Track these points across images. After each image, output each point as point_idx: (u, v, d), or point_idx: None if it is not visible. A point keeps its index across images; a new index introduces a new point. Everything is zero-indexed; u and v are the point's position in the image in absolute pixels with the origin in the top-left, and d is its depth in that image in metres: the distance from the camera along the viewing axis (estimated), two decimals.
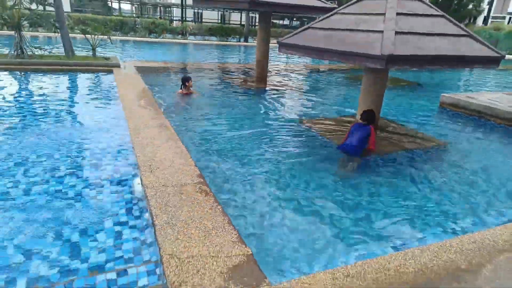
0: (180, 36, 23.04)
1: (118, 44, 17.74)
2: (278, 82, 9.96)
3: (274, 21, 39.16)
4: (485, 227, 3.06)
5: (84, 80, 8.10)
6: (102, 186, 3.34)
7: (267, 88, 8.85)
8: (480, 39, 4.28)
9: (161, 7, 54.99)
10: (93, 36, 10.24)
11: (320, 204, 3.31)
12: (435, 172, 4.22)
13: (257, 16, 38.24)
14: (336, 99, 8.16)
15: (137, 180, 3.40)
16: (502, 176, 4.24)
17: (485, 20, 32.59)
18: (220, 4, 8.24)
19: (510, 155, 4.99)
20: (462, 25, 4.42)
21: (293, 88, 9.20)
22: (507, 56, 25.10)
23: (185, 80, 7.31)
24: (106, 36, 10.65)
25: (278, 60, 16.26)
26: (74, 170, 3.61)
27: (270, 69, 10.93)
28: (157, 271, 2.27)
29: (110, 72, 9.06)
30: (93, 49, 10.25)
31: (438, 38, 3.93)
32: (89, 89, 7.18)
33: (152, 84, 8.20)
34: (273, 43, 12.58)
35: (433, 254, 2.41)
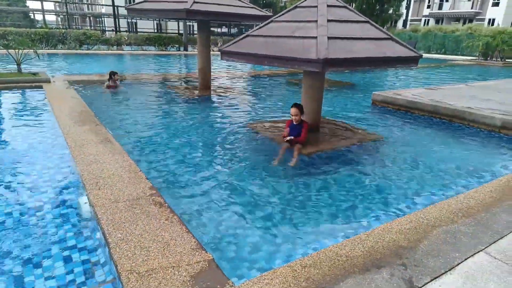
0: (115, 47, 22.06)
1: (45, 58, 16.49)
2: (222, 89, 10.06)
3: (213, 28, 39.29)
4: (420, 207, 3.42)
5: (10, 98, 7.44)
6: (44, 211, 3.13)
7: (211, 95, 8.89)
8: (400, 41, 4.79)
9: (91, 18, 52.17)
10: (17, 50, 9.43)
11: (273, 201, 3.44)
12: (374, 163, 4.61)
13: (195, 24, 38.11)
14: (279, 102, 8.47)
15: (83, 200, 3.23)
16: (429, 161, 4.76)
17: (405, 23, 36.04)
18: (157, 14, 8.14)
19: (433, 143, 5.62)
20: (384, 30, 4.91)
21: (237, 94, 9.35)
22: (425, 55, 28.05)
23: (112, 74, 8.86)
24: (32, 50, 9.87)
25: (220, 68, 16.36)
26: (9, 196, 3.32)
27: (213, 77, 10.98)
28: None
29: (40, 88, 8.43)
30: (18, 65, 9.44)
31: (365, 42, 4.33)
32: (17, 108, 6.62)
33: (88, 97, 7.80)
34: (213, 51, 12.59)
35: (377, 237, 2.65)
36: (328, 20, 4.49)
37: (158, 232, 2.61)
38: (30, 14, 45.97)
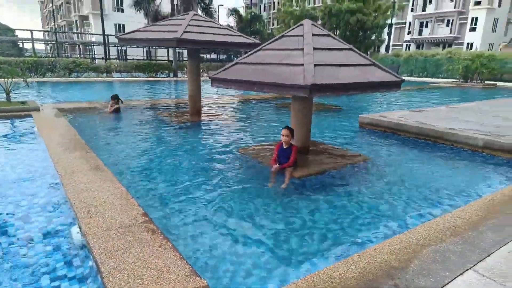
0: (105, 74, 22.25)
1: (35, 86, 16.51)
2: (212, 114, 10.20)
3: (202, 55, 40.03)
4: (409, 227, 3.49)
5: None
6: (33, 241, 3.09)
7: (202, 121, 9.00)
8: (382, 67, 5.03)
9: (80, 46, 52.70)
10: (6, 79, 9.46)
11: (265, 225, 3.47)
12: (363, 184, 4.70)
13: (184, 51, 38.84)
14: (268, 126, 8.62)
15: (75, 229, 3.21)
16: (416, 181, 4.88)
17: (387, 48, 37.46)
18: (147, 43, 8.33)
19: (419, 163, 5.77)
20: (367, 56, 5.16)
21: (228, 119, 9.49)
22: (408, 78, 29.04)
23: (114, 98, 9.62)
24: (22, 79, 9.91)
25: (210, 94, 16.60)
26: None
27: (203, 103, 11.14)
28: None
29: (29, 116, 8.41)
30: (7, 94, 9.44)
31: (350, 68, 4.54)
32: (6, 137, 6.57)
33: (78, 125, 7.81)
34: (203, 77, 12.80)
35: (369, 257, 2.70)
36: (314, 48, 4.70)
37: (152, 260, 2.61)
38: (19, 43, 46.25)
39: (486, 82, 24.86)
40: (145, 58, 38.33)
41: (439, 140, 6.81)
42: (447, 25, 46.60)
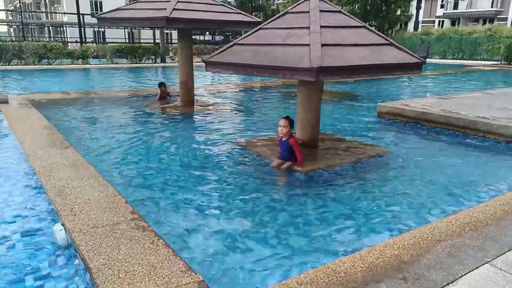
0: (80, 60, 22.63)
1: None
2: (207, 104, 10.51)
3: (195, 36, 40.35)
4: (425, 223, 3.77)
5: None
6: (12, 241, 3.39)
7: (195, 112, 9.30)
8: (401, 46, 5.29)
9: (50, 28, 53.23)
10: None
11: (267, 221, 3.77)
12: (379, 180, 4.97)
13: (173, 32, 39.14)
14: (272, 117, 8.90)
15: (57, 227, 3.51)
16: (440, 176, 5.14)
17: (416, 25, 37.53)
18: (132, 23, 8.64)
19: (444, 156, 6.03)
20: (384, 35, 5.42)
21: (225, 110, 9.80)
22: (440, 61, 29.18)
23: (160, 85, 10.48)
24: None
25: (204, 80, 16.91)
26: None
27: (196, 91, 11.44)
28: None
29: None
30: None
31: (361, 49, 4.81)
32: None
33: (54, 118, 8.13)
34: (196, 62, 13.12)
35: (378, 253, 2.98)
36: (321, 26, 4.97)
37: (143, 256, 2.90)
38: None
39: None
40: (127, 41, 38.70)
41: (469, 131, 7.06)
42: None
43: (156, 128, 7.80)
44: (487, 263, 2.85)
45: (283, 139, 5.20)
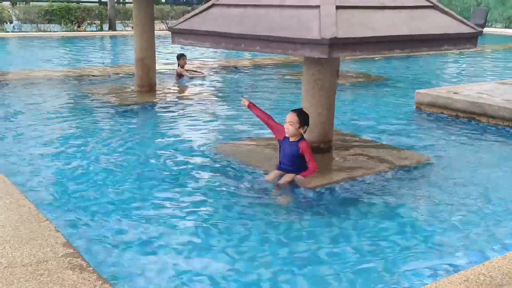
0: None
1: None
2: (173, 90, 10.47)
3: None
4: (485, 260, 3.76)
5: None
6: None
7: (156, 102, 9.26)
8: (448, 11, 5.31)
9: None
10: None
11: (260, 259, 3.74)
12: (418, 198, 4.97)
13: None
14: (266, 109, 8.87)
15: None
16: (504, 195, 5.16)
17: None
18: None
19: (509, 168, 6.06)
20: None
21: (199, 99, 9.75)
22: (502, 30, 29.43)
23: (179, 57, 11.77)
24: None
25: (170, 56, 16.83)
26: None
27: (159, 71, 11.40)
28: None
29: None
30: None
31: (393, 12, 4.81)
32: None
33: None
34: (159, 30, 13.03)
35: None
36: None
37: None
38: None
39: None
40: None
41: None
42: None
43: (101, 125, 7.74)
44: None
45: (289, 140, 5.16)
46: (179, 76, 11.82)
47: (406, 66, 15.41)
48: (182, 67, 11.80)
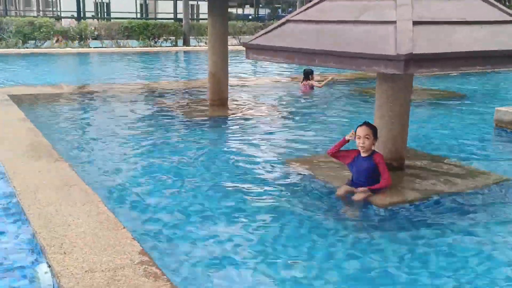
0: (77, 42, 23.60)
1: None
2: (245, 105, 10.61)
3: (230, 9, 41.08)
4: None
5: None
6: None
7: (229, 116, 9.40)
8: None
9: None
10: None
11: (332, 277, 3.71)
12: (495, 220, 4.77)
13: (201, 3, 39.89)
14: (338, 125, 8.81)
15: (42, 268, 3.64)
16: None
17: None
18: None
19: None
20: (505, 7, 5.24)
21: (271, 114, 9.83)
22: None
23: (308, 74, 12.47)
24: None
25: (243, 71, 17.07)
26: None
27: (232, 86, 11.57)
28: None
29: None
30: None
31: (473, 28, 4.67)
32: None
33: (41, 120, 8.48)
34: (232, 45, 13.30)
35: None
36: None
37: None
38: None
39: None
40: (139, 15, 40.00)
41: None
42: None
43: (177, 135, 7.97)
44: None
45: (362, 155, 5.13)
46: (311, 88, 12.61)
47: (484, 82, 14.85)
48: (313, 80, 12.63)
